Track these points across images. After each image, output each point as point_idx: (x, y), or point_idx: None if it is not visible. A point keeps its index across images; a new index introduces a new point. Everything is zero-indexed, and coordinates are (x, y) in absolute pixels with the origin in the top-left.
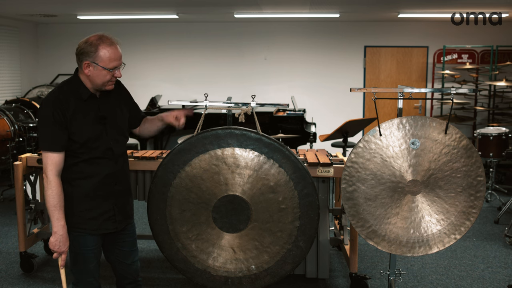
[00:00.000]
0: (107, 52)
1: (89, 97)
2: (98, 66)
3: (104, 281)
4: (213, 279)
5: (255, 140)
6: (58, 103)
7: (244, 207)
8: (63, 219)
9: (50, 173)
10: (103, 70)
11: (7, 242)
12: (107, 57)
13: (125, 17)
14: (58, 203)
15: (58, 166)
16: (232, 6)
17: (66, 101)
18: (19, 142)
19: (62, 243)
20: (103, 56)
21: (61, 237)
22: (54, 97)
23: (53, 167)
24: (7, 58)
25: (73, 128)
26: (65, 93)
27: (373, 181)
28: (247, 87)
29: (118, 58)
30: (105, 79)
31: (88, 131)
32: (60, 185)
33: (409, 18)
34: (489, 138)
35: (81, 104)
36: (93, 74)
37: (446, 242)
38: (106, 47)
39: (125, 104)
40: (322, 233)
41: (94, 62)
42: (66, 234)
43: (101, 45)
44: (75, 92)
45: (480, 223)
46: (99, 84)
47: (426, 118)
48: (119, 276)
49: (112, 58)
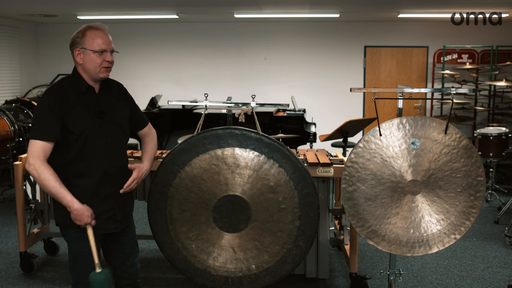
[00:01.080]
0: (93, 35)
1: (87, 90)
2: (87, 50)
3: None
4: (213, 279)
5: (255, 140)
6: (55, 94)
7: (244, 207)
8: (69, 194)
9: (37, 159)
10: (93, 53)
11: (7, 242)
12: (94, 40)
13: (125, 17)
14: (57, 181)
15: (46, 154)
16: (232, 6)
17: (64, 93)
18: (19, 142)
19: (81, 216)
20: (90, 39)
21: (76, 212)
22: (52, 89)
23: (41, 153)
24: (7, 58)
25: (69, 118)
26: (64, 86)
27: (373, 181)
28: (247, 87)
29: (106, 42)
30: (96, 63)
31: (84, 124)
32: (50, 167)
33: (409, 18)
34: (489, 138)
35: (80, 97)
36: (84, 60)
37: (446, 242)
38: (93, 31)
39: (126, 103)
40: (322, 233)
41: (82, 48)
42: (80, 205)
43: (88, 30)
44: (74, 85)
45: (480, 223)
46: (91, 70)
47: (426, 118)
48: (118, 277)
49: (99, 41)
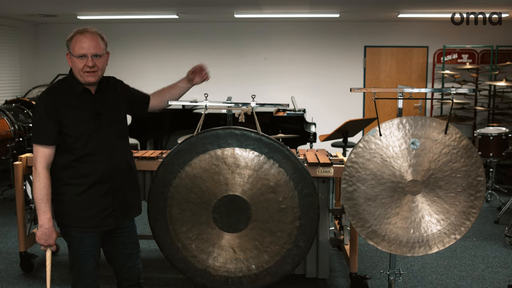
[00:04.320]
0: (77, 40)
1: (83, 92)
2: (72, 56)
3: (104, 281)
4: (213, 279)
5: (255, 140)
6: (51, 96)
7: (244, 207)
8: (49, 212)
9: (39, 165)
10: (75, 58)
11: (7, 242)
12: (76, 45)
13: (125, 17)
14: (46, 195)
15: (48, 159)
16: (232, 6)
17: (60, 95)
18: (19, 142)
19: (48, 236)
20: (74, 44)
21: (46, 230)
22: (48, 91)
23: (42, 159)
24: (7, 58)
25: (67, 121)
26: (59, 88)
27: (373, 181)
28: (247, 87)
29: (86, 47)
30: (78, 67)
31: (82, 126)
32: (48, 177)
33: (409, 18)
34: (489, 138)
35: (76, 99)
36: (72, 64)
37: (446, 242)
38: (78, 36)
39: (123, 100)
40: (322, 233)
41: (70, 53)
42: (52, 227)
43: (75, 35)
44: (70, 87)
45: (480, 223)
46: (77, 74)
47: (426, 118)
48: (120, 278)
49: (80, 46)
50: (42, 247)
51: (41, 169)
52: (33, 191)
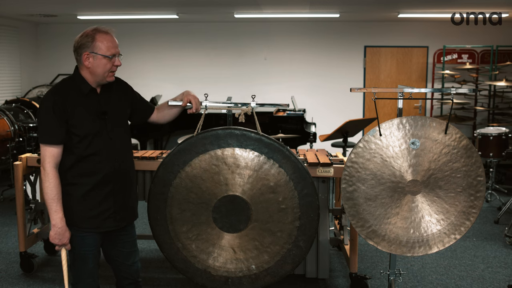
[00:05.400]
0: (104, 40)
1: (90, 92)
2: (98, 55)
3: (104, 281)
4: (213, 279)
5: (255, 140)
6: (58, 96)
7: (244, 207)
8: (61, 211)
9: (48, 165)
10: (103, 58)
11: (7, 242)
12: (105, 45)
13: (125, 17)
14: (56, 195)
15: (56, 159)
16: (232, 6)
17: (67, 94)
18: (19, 142)
19: (61, 235)
20: (101, 44)
21: (60, 230)
22: (55, 90)
23: (51, 159)
24: (7, 58)
25: (74, 121)
26: (66, 87)
27: (373, 181)
28: (247, 87)
29: (115, 46)
30: (106, 68)
31: (88, 126)
32: (57, 177)
33: (409, 18)
34: (489, 138)
35: (82, 98)
36: (94, 64)
37: (446, 242)
38: (103, 35)
39: (127, 100)
40: (322, 233)
41: (93, 52)
42: (65, 226)
43: (98, 35)
44: (76, 87)
45: (480, 223)
46: (100, 74)
47: (426, 118)
48: (119, 277)
49: (110, 46)
50: (57, 247)
51: (50, 169)
52: (43, 191)
